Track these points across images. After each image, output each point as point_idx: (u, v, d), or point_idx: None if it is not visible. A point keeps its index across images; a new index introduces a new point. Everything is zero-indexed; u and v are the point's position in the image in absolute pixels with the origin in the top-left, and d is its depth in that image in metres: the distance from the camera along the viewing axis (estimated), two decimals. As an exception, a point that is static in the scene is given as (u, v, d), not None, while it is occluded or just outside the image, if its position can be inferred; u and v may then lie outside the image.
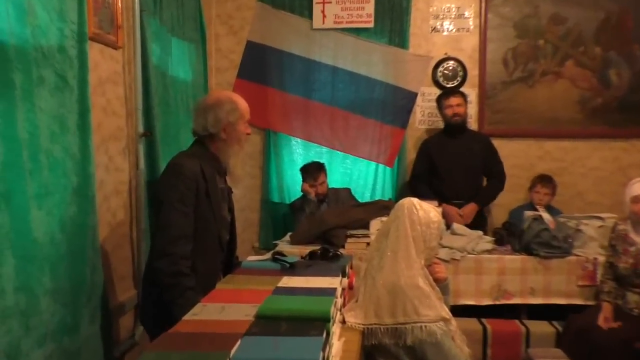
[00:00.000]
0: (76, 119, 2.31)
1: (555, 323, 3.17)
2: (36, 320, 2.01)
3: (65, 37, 2.23)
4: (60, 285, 2.16)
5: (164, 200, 2.16)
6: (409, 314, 1.93)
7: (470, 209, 3.82)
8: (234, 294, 1.73)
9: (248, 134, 2.37)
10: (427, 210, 2.11)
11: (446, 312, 2.01)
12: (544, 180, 4.12)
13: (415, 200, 2.13)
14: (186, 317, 1.52)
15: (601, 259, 3.14)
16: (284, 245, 3.34)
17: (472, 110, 4.36)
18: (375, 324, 1.96)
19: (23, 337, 1.94)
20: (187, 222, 2.14)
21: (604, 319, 2.84)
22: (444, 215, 3.71)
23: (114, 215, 2.81)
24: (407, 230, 2.04)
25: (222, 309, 1.58)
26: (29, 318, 1.97)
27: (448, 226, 3.54)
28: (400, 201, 2.15)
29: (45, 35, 2.11)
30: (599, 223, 3.33)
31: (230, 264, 2.43)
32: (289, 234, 3.56)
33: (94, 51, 2.59)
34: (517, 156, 4.40)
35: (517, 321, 3.22)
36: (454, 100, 3.93)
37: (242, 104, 2.33)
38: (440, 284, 2.16)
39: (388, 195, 4.43)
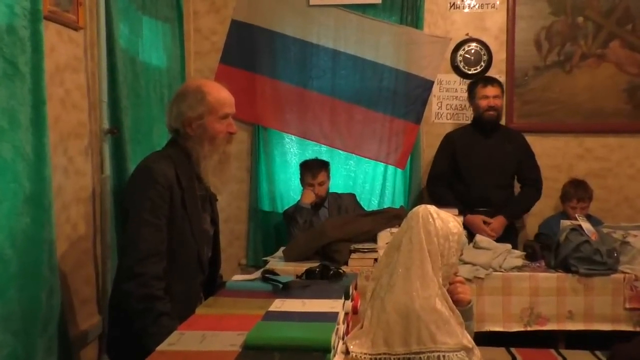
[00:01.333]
0: (29, 112, 2.31)
1: (598, 353, 3.17)
2: (-19, 353, 2.01)
3: (15, 15, 2.23)
4: (11, 310, 2.16)
5: (132, 210, 2.16)
6: (424, 342, 1.93)
7: (499, 223, 3.83)
8: (216, 320, 1.73)
9: (230, 132, 2.34)
10: (446, 220, 2.11)
11: (468, 340, 2.01)
12: (578, 188, 4.11)
13: (431, 207, 2.13)
14: (160, 347, 1.53)
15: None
16: (276, 262, 3.33)
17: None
18: (384, 353, 1.96)
19: (-33, 372, 1.95)
20: (159, 236, 2.14)
21: None
22: (467, 225, 3.72)
23: (74, 227, 2.82)
24: (422, 243, 2.05)
25: (203, 337, 1.59)
26: (-27, 350, 1.98)
27: (471, 238, 3.55)
28: (414, 209, 2.15)
29: (-8, 14, 2.12)
30: (649, 234, 3.34)
31: (212, 285, 2.43)
32: (282, 248, 3.55)
33: (50, 33, 2.60)
34: (552, 155, 4.42)
35: (552, 350, 3.22)
36: (491, 91, 3.92)
37: (216, 95, 2.29)
38: (463, 307, 2.17)
39: (399, 202, 4.46)
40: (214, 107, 2.26)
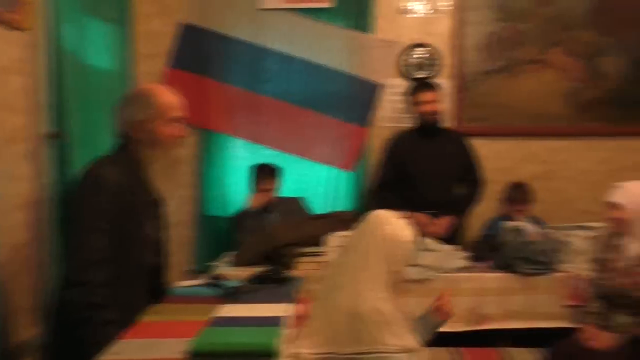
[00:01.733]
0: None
1: (540, 350, 3.26)
2: None
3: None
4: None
5: (78, 216, 2.13)
6: (370, 342, 1.96)
7: (447, 222, 3.89)
8: (162, 327, 1.73)
9: (180, 136, 2.31)
10: (400, 228, 2.15)
11: (414, 342, 2.05)
12: (518, 191, 4.21)
13: (388, 214, 2.17)
14: (105, 356, 1.52)
15: (590, 275, 3.24)
16: (224, 267, 3.33)
17: (448, 105, 4.43)
18: (331, 352, 1.99)
19: None
20: (105, 242, 2.10)
21: (587, 339, 2.94)
22: (415, 225, 3.77)
23: (15, 235, 2.75)
24: (374, 247, 2.08)
25: (148, 345, 1.58)
26: None
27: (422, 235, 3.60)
28: (371, 213, 2.19)
29: None
30: (588, 234, 3.43)
31: (159, 292, 2.41)
32: (230, 253, 3.55)
33: (-8, 34, 2.55)
34: (499, 158, 4.51)
35: (496, 349, 3.30)
36: (428, 96, 3.97)
37: (164, 98, 2.26)
38: (441, 321, 2.22)
39: (349, 205, 4.47)
40: (162, 111, 2.23)
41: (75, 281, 2.07)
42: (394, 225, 2.13)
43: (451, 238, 3.78)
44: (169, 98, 2.28)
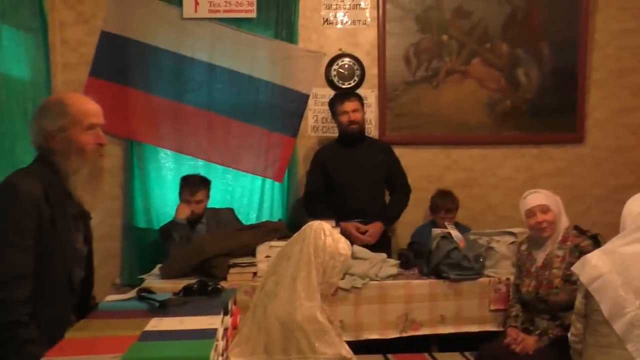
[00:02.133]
0: None
1: (467, 354, 3.34)
2: None
3: None
4: None
5: None
6: (304, 351, 1.96)
7: (375, 228, 3.94)
8: (88, 344, 1.67)
9: (99, 144, 2.24)
10: (337, 240, 2.17)
11: (347, 351, 2.06)
12: (445, 199, 4.29)
13: (326, 225, 2.19)
14: (27, 376, 1.46)
15: (514, 279, 3.35)
16: (152, 280, 3.27)
17: (372, 114, 4.52)
18: None
19: None
20: (25, 258, 2.03)
21: (510, 343, 3.04)
22: (343, 233, 3.81)
23: None
24: (311, 256, 2.09)
25: (74, 363, 1.53)
26: None
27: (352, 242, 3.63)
28: (309, 223, 2.19)
29: None
30: (511, 239, 3.56)
31: (85, 307, 2.33)
32: (159, 266, 3.49)
33: None
34: (423, 167, 4.63)
35: (426, 354, 3.36)
36: (349, 106, 4.02)
37: (79, 106, 2.20)
38: None
39: (277, 215, 4.48)
40: (77, 119, 2.17)
41: None
42: (331, 237, 2.15)
43: (379, 246, 3.83)
44: (84, 105, 2.22)
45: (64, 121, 2.15)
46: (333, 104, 4.12)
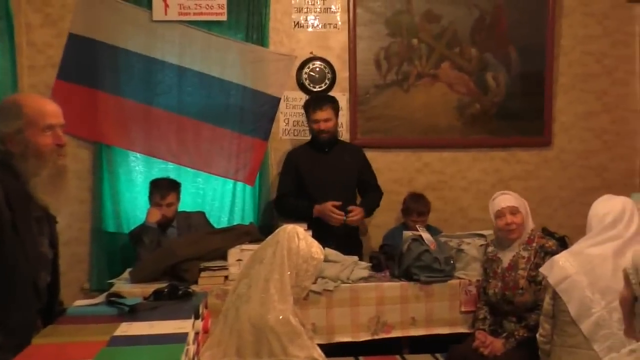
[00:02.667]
0: None
1: (438, 355, 3.37)
2: None
3: None
4: None
5: None
6: (276, 354, 1.96)
7: (359, 210, 3.94)
8: (56, 350, 1.65)
9: (59, 145, 2.18)
10: (310, 244, 2.18)
11: (319, 354, 2.07)
12: (417, 202, 4.30)
13: (299, 229, 2.19)
14: (-8, 383, 1.43)
15: (480, 282, 3.39)
16: (122, 285, 3.24)
17: (343, 118, 4.52)
18: None
19: None
20: None
21: (478, 346, 3.06)
22: (318, 216, 3.83)
23: None
24: (284, 259, 2.09)
25: (42, 369, 1.51)
26: None
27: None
28: (283, 226, 2.20)
29: None
30: (481, 241, 3.58)
31: (51, 313, 2.30)
32: (129, 270, 3.46)
33: None
34: (394, 169, 4.65)
35: (398, 356, 3.38)
36: (320, 115, 4.01)
37: (35, 106, 2.15)
38: None
39: (249, 218, 4.46)
40: (33, 120, 2.12)
41: None
42: (304, 240, 2.15)
43: (351, 248, 3.84)
44: (41, 106, 2.17)
45: (20, 123, 2.11)
46: (307, 108, 4.13)
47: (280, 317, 2.01)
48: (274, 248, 2.14)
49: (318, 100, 4.15)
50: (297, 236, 2.16)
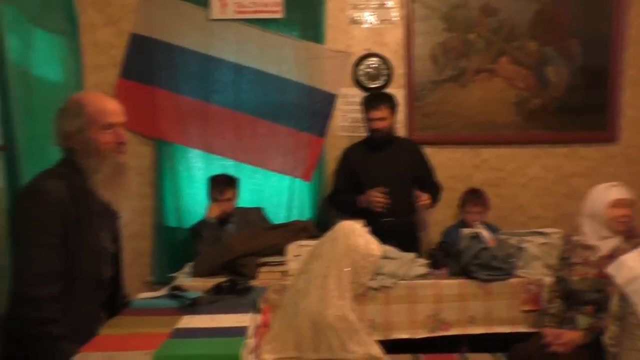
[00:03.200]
0: None
1: (498, 355, 3.29)
2: None
3: None
4: None
5: (22, 232, 2.09)
6: (334, 350, 1.96)
7: (427, 196, 3.91)
8: (121, 340, 1.68)
9: (120, 143, 2.25)
10: (368, 241, 2.17)
11: (377, 351, 2.05)
12: (474, 195, 4.30)
13: (357, 225, 2.19)
14: (61, 372, 1.46)
15: (546, 279, 3.30)
16: (183, 279, 3.29)
17: (400, 114, 4.46)
18: (294, 357, 1.97)
19: None
20: (53, 257, 2.06)
21: (549, 342, 2.97)
22: (367, 202, 3.81)
23: (-39, 249, 2.65)
24: (343, 255, 2.09)
25: (108, 358, 1.54)
26: None
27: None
28: (341, 223, 2.20)
29: None
30: (542, 239, 3.48)
31: (115, 305, 2.35)
32: (189, 264, 3.52)
33: None
34: (451, 166, 4.59)
35: (456, 354, 3.31)
36: (375, 114, 3.98)
37: (96, 105, 2.21)
38: None
39: (306, 214, 4.49)
40: (94, 118, 2.19)
41: (24, 297, 2.02)
42: (363, 237, 2.15)
43: (408, 245, 3.80)
44: (101, 105, 2.23)
45: (81, 121, 2.18)
46: (363, 106, 4.10)
47: (339, 313, 2.00)
48: (332, 244, 2.14)
49: (374, 99, 4.11)
50: (355, 233, 2.15)
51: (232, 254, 3.36)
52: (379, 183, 3.95)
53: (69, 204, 2.11)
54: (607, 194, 3.14)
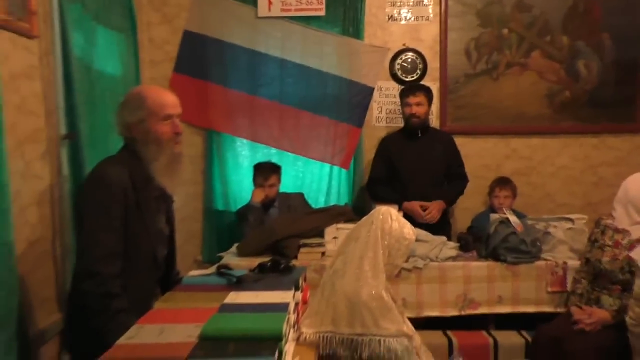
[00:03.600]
0: (-16, 119, 2.24)
1: (524, 333, 3.28)
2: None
3: (-31, 25, 2.16)
4: (-30, 311, 2.09)
5: (87, 214, 2.13)
6: (367, 326, 1.96)
7: (436, 206, 3.88)
8: (174, 314, 1.71)
9: (177, 133, 2.27)
10: (403, 225, 2.16)
11: (409, 328, 2.05)
12: (502, 182, 4.25)
13: (392, 210, 2.18)
14: (120, 341, 1.50)
15: (571, 263, 3.25)
16: (230, 258, 3.33)
17: (433, 106, 4.42)
18: (330, 331, 1.98)
19: None
20: (114, 237, 2.10)
21: (578, 320, 2.93)
22: (406, 212, 3.79)
23: (32, 230, 2.73)
24: (378, 238, 2.08)
25: (161, 330, 1.57)
26: None
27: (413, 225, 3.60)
28: (377, 207, 2.19)
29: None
30: (568, 225, 3.44)
31: (168, 281, 2.40)
32: (236, 245, 3.55)
33: (4, 40, 2.52)
34: (482, 156, 4.53)
35: (484, 332, 3.31)
36: (413, 99, 3.97)
37: (155, 98, 2.23)
38: None
39: (344, 200, 4.48)
40: (153, 110, 2.22)
41: (88, 274, 2.07)
42: (397, 221, 2.14)
43: (440, 229, 3.79)
44: (160, 98, 2.25)
45: (142, 113, 2.21)
46: (402, 95, 4.08)
47: (373, 292, 2.00)
48: (368, 228, 2.13)
49: (413, 86, 4.13)
50: (390, 217, 2.14)
51: (275, 236, 3.38)
52: (413, 172, 3.93)
53: (130, 189, 2.15)
54: None
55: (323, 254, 3.31)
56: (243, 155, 4.54)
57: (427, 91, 4.07)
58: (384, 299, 2.00)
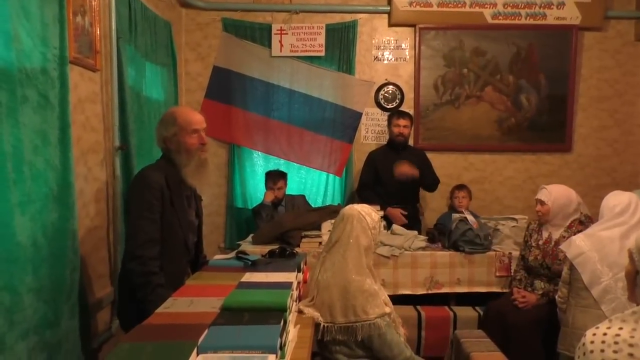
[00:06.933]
0: (57, 133, 2.23)
1: (477, 308, 3.27)
2: (20, 316, 1.92)
3: (47, 60, 2.15)
4: (42, 284, 2.08)
5: (133, 208, 2.12)
6: (358, 314, 1.96)
7: (412, 166, 3.82)
8: (201, 289, 1.71)
9: (202, 144, 2.25)
10: (370, 214, 2.14)
11: (388, 307, 2.04)
12: (460, 187, 4.24)
13: (359, 207, 2.15)
14: (158, 310, 1.50)
15: (515, 253, 3.25)
16: (246, 245, 3.31)
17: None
18: (329, 322, 1.98)
19: (7, 332, 1.85)
20: (154, 227, 2.09)
21: (516, 299, 2.93)
22: (388, 216, 3.77)
23: (92, 220, 2.73)
24: (359, 239, 2.07)
25: (191, 302, 1.57)
26: (13, 314, 1.88)
27: (389, 226, 3.61)
28: (348, 212, 2.14)
29: (29, 58, 2.03)
30: (512, 223, 3.45)
31: (197, 263, 2.39)
32: (251, 235, 3.54)
33: (74, 73, 2.52)
34: (446, 167, 4.52)
35: (446, 307, 3.30)
36: (402, 122, 3.96)
37: (184, 116, 2.21)
38: None
39: (337, 200, 4.47)
40: (183, 126, 2.20)
41: (133, 256, 2.06)
42: (368, 213, 2.13)
43: (413, 226, 3.78)
44: (189, 116, 2.23)
45: (175, 128, 2.20)
46: (391, 117, 4.06)
47: (359, 285, 2.00)
48: (347, 231, 2.09)
49: (401, 112, 4.11)
50: (362, 215, 2.11)
51: (282, 228, 3.37)
52: (394, 178, 3.90)
53: (166, 189, 2.15)
54: (537, 194, 3.06)
55: (320, 243, 3.30)
56: (258, 165, 4.52)
57: (410, 117, 4.07)
58: (367, 288, 1.99)
